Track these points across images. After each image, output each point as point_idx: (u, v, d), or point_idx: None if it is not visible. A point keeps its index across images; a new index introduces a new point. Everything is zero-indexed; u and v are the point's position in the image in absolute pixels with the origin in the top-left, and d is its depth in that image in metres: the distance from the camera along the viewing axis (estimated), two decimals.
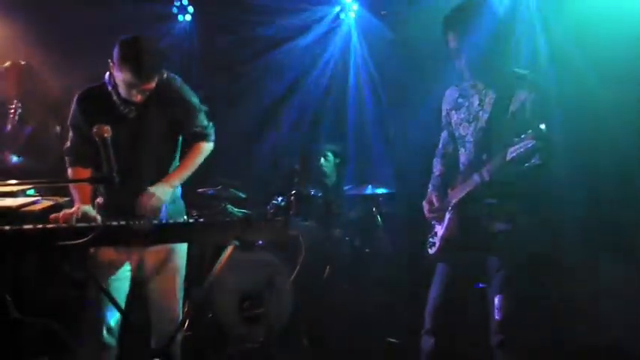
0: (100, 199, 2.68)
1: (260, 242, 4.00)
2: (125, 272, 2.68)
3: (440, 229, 2.64)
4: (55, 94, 4.59)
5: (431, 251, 2.68)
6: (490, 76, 2.55)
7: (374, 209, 4.75)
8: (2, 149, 4.11)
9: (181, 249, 2.77)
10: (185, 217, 2.77)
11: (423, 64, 4.94)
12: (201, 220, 2.37)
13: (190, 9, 5.71)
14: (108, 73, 2.58)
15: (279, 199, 4.52)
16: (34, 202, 3.29)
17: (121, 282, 2.66)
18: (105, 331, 2.59)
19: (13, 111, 4.12)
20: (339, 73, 5.73)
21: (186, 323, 2.70)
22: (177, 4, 5.70)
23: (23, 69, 4.26)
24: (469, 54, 2.50)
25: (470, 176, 2.52)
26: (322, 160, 4.88)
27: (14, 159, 4.08)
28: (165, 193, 2.61)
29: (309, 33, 5.66)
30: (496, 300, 2.46)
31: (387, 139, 5.43)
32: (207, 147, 2.81)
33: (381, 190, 4.73)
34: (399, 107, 5.30)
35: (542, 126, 2.21)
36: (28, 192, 3.49)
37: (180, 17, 5.76)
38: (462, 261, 2.58)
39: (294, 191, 4.43)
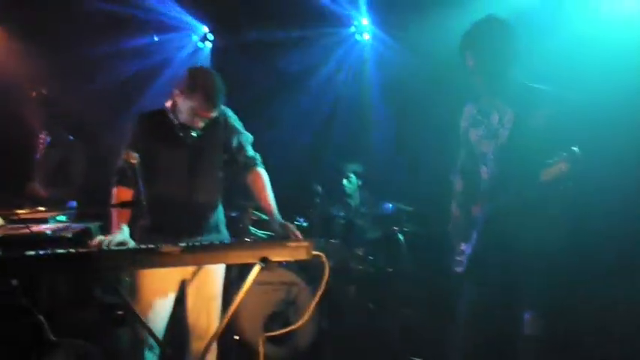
0: (144, 221, 2.73)
1: (284, 263, 4.04)
2: (169, 293, 2.74)
3: (466, 248, 2.63)
4: (82, 123, 4.76)
5: (458, 270, 2.67)
6: (509, 92, 2.57)
7: (396, 228, 4.76)
8: (32, 178, 4.24)
9: (219, 270, 2.84)
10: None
11: (439, 80, 4.96)
12: (225, 242, 2.44)
13: (210, 36, 5.86)
14: (169, 100, 2.70)
15: (301, 219, 4.56)
16: (65, 228, 3.40)
17: (164, 302, 2.72)
18: (147, 349, 2.65)
19: (42, 141, 4.27)
20: (356, 93, 5.79)
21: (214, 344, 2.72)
22: (199, 31, 5.85)
23: (47, 98, 4.41)
24: (487, 71, 2.53)
25: (496, 194, 2.52)
26: (345, 181, 4.91)
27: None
28: None
29: (327, 55, 5.75)
30: (526, 316, 2.45)
31: (406, 157, 5.44)
32: (265, 172, 2.87)
33: (402, 209, 4.74)
34: (418, 125, 5.33)
35: (575, 148, 2.23)
36: (59, 218, 3.60)
37: (200, 44, 5.91)
38: (490, 279, 2.55)
39: (316, 212, 4.47)
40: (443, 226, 2.86)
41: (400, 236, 4.74)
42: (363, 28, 5.68)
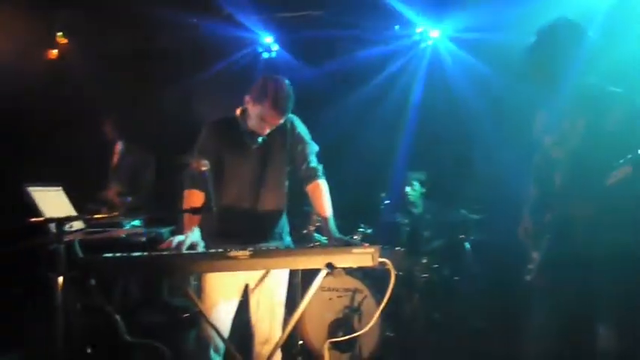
0: (211, 226, 2.78)
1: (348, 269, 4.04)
2: (232, 297, 2.79)
3: (537, 255, 2.57)
4: (151, 133, 4.99)
5: (529, 278, 2.60)
6: (581, 96, 2.49)
7: (462, 236, 4.67)
8: (109, 185, 4.49)
9: (283, 276, 2.87)
10: None
11: (506, 86, 4.85)
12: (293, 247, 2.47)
13: (275, 46, 5.95)
14: (240, 108, 2.78)
15: (366, 227, 4.55)
16: (139, 232, 3.56)
17: (227, 306, 2.77)
18: (212, 350, 2.71)
19: (117, 150, 4.54)
20: (422, 100, 5.74)
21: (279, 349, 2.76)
22: (263, 42, 5.95)
23: (118, 117, 4.66)
24: (558, 77, 2.47)
25: (568, 201, 2.45)
26: (408, 189, 4.87)
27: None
28: None
29: (391, 62, 5.73)
30: (602, 330, 2.36)
31: (473, 164, 5.34)
32: (325, 184, 2.87)
33: (469, 216, 4.65)
34: (485, 131, 5.22)
35: None
36: (134, 222, 3.77)
37: (265, 54, 6.01)
38: (563, 288, 2.48)
39: (381, 219, 4.45)
40: (511, 234, 2.78)
41: (467, 245, 4.65)
42: (427, 36, 5.64)
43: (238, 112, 2.80)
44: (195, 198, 2.71)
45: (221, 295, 2.75)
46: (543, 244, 2.55)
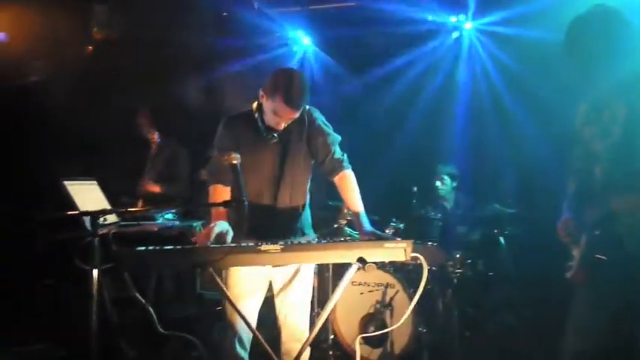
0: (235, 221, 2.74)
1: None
2: (258, 290, 2.78)
3: (577, 252, 2.49)
4: (181, 125, 5.05)
5: (568, 275, 2.52)
6: (623, 87, 2.40)
7: (496, 231, 4.58)
8: (144, 176, 4.55)
9: (309, 269, 2.84)
10: None
11: (548, 79, 4.74)
12: (324, 241, 2.45)
13: (306, 39, 5.93)
14: (256, 102, 2.74)
15: (397, 221, 4.51)
16: (172, 225, 3.60)
17: (252, 300, 2.75)
18: (237, 344, 2.69)
19: (154, 139, 4.61)
20: (453, 94, 5.65)
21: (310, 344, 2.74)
22: (293, 36, 5.94)
23: (150, 113, 4.75)
24: (598, 67, 2.38)
25: (609, 195, 2.36)
26: (438, 183, 4.80)
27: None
28: None
29: (423, 55, 5.65)
30: None
31: (508, 157, 5.24)
32: (352, 174, 2.81)
33: (503, 210, 4.56)
34: (522, 124, 5.11)
35: None
36: (167, 215, 3.81)
37: (295, 48, 6.00)
38: (604, 285, 2.40)
39: (413, 213, 4.40)
40: (546, 228, 2.71)
41: (501, 239, 4.56)
42: (460, 26, 5.54)
43: (254, 106, 2.74)
44: (220, 193, 2.71)
45: (244, 290, 2.72)
46: (583, 240, 2.47)
